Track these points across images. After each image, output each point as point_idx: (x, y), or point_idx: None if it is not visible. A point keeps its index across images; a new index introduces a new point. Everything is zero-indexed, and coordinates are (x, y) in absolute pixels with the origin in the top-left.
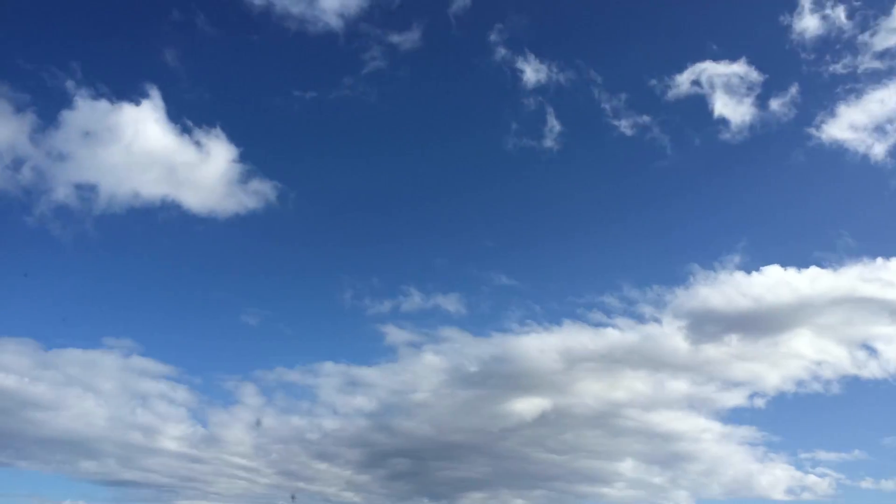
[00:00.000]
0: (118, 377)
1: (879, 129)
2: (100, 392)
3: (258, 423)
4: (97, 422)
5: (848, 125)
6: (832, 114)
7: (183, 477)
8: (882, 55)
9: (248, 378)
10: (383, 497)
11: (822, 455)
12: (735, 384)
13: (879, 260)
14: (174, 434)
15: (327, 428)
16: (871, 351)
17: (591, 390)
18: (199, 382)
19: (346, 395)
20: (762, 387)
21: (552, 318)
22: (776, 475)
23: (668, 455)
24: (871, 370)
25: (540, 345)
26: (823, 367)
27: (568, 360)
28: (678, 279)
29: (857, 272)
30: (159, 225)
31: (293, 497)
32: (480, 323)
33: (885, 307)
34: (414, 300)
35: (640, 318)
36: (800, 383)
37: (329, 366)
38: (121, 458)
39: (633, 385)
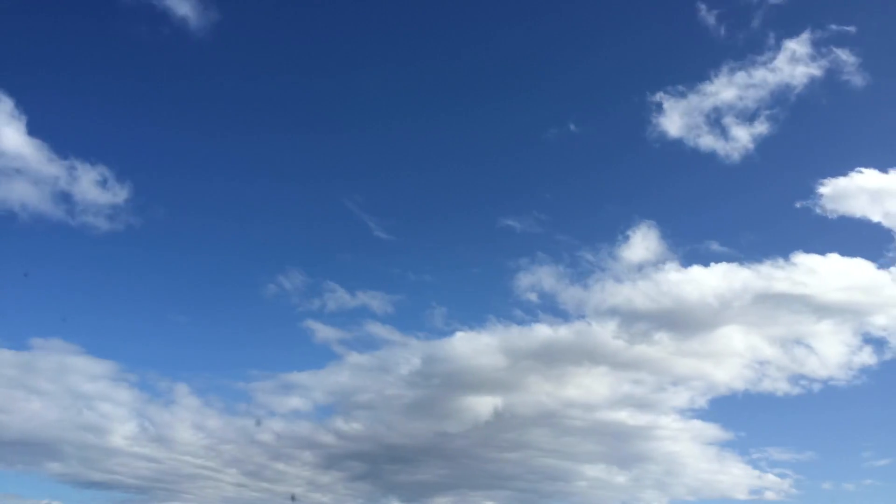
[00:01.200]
0: (58, 377)
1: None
2: (43, 393)
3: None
4: (49, 423)
5: None
6: None
7: (147, 478)
8: None
9: (183, 379)
10: (351, 498)
11: (777, 454)
12: (678, 381)
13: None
14: (127, 434)
15: (274, 429)
16: (806, 348)
17: (537, 388)
18: (136, 381)
19: (282, 397)
20: (707, 384)
21: (478, 317)
22: (735, 474)
23: (625, 453)
24: (811, 368)
25: (475, 344)
26: (765, 366)
27: (509, 359)
28: (604, 276)
29: (765, 270)
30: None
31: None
32: (409, 322)
33: (805, 303)
34: (339, 298)
35: (566, 316)
36: (746, 381)
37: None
38: (83, 459)
39: (577, 382)
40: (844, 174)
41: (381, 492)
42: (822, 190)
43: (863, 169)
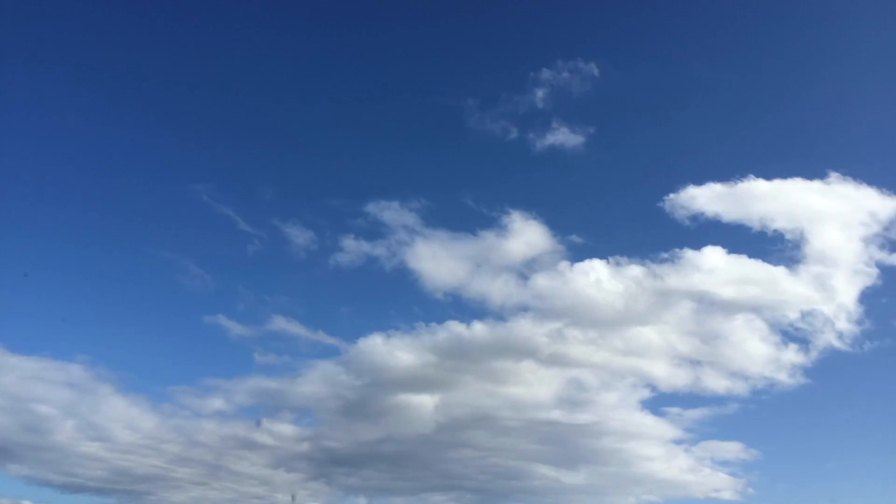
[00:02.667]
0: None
1: None
2: None
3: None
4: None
5: None
6: None
7: (102, 479)
8: None
9: (108, 381)
10: (312, 498)
11: (730, 453)
12: (618, 378)
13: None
14: (69, 435)
15: (207, 429)
16: (727, 343)
17: (470, 388)
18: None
19: (204, 399)
20: (642, 381)
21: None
22: (684, 471)
23: (573, 451)
24: (741, 365)
25: (404, 345)
26: (695, 364)
27: (433, 358)
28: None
29: (659, 267)
30: None
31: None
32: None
33: (710, 300)
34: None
35: (499, 317)
36: (679, 378)
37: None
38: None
39: (509, 380)
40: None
41: (342, 492)
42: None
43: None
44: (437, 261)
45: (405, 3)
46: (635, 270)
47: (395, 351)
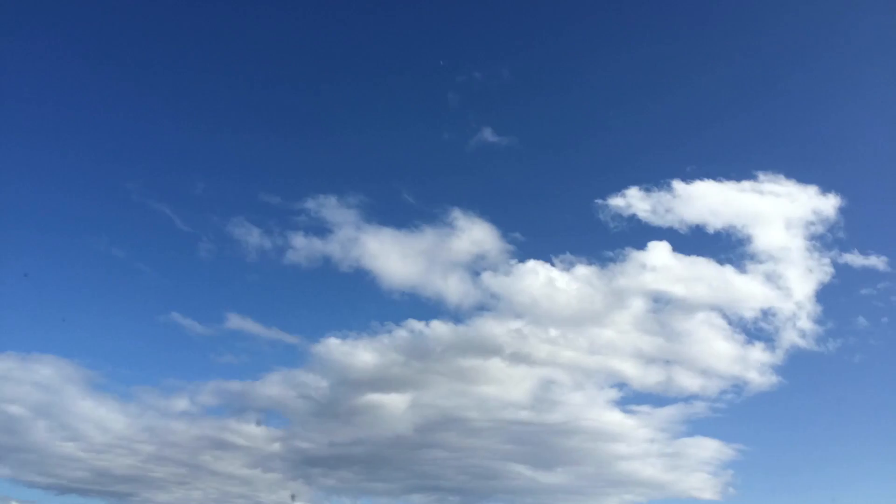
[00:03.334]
0: None
1: None
2: None
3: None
4: None
5: None
6: None
7: (83, 480)
8: None
9: (74, 381)
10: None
11: (708, 451)
12: (585, 377)
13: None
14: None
15: (177, 429)
16: (692, 341)
17: (444, 388)
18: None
19: (169, 399)
20: (614, 381)
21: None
22: (676, 473)
23: (550, 451)
24: (709, 363)
25: (367, 346)
26: (663, 364)
27: (408, 359)
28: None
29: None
30: None
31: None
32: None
33: (665, 299)
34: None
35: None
36: (649, 376)
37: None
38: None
39: (484, 381)
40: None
41: (323, 492)
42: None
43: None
44: (390, 258)
45: None
46: (585, 270)
47: (357, 351)
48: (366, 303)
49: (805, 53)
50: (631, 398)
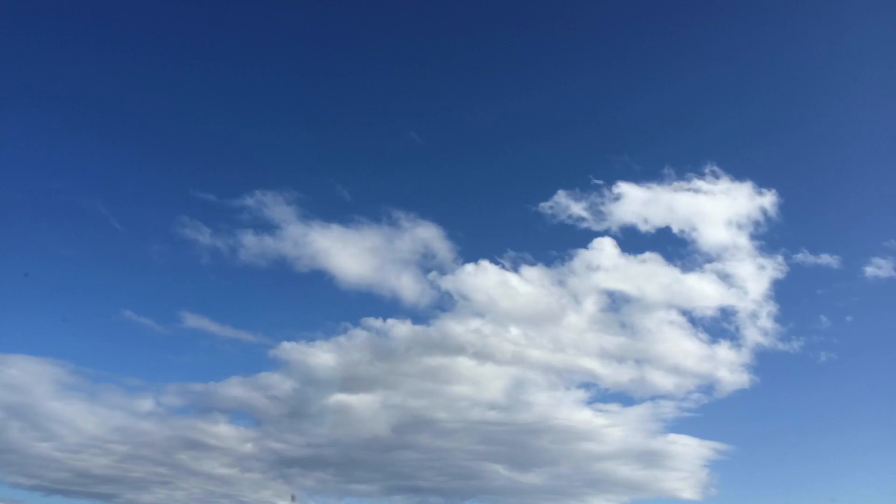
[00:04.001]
0: None
1: None
2: None
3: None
4: None
5: None
6: None
7: (62, 481)
8: None
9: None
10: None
11: (689, 448)
12: (553, 375)
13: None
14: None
15: (162, 433)
16: (654, 337)
17: (412, 388)
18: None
19: (136, 400)
20: (586, 379)
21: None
22: (656, 472)
23: (524, 450)
24: (676, 361)
25: (330, 346)
26: (637, 363)
27: (372, 360)
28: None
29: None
30: None
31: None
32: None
33: (627, 298)
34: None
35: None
36: (611, 375)
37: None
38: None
39: (454, 381)
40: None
41: (305, 492)
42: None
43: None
44: (341, 256)
45: None
46: (533, 269)
47: (319, 351)
48: (322, 301)
49: (739, 51)
50: (599, 397)
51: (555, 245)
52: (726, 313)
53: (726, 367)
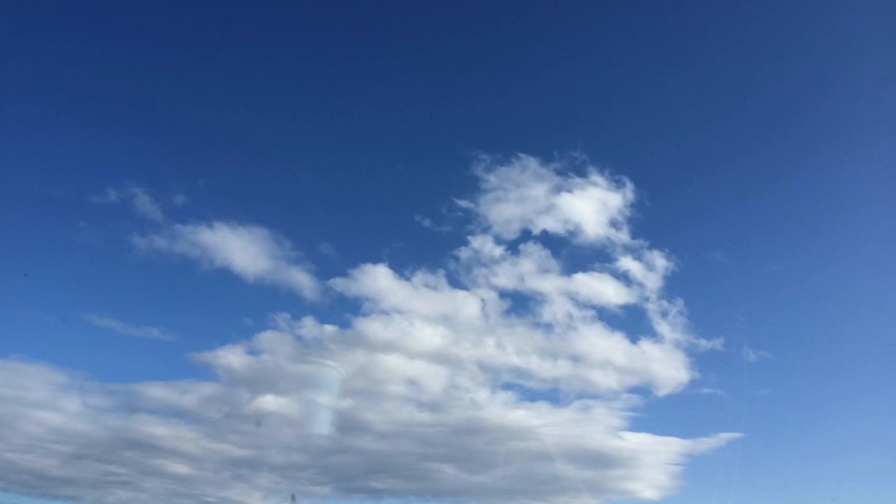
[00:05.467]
0: None
1: None
2: None
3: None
4: None
5: None
6: None
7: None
8: None
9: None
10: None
11: (644, 445)
12: (477, 375)
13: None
14: None
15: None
16: (574, 336)
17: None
18: None
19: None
20: (509, 379)
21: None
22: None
23: (467, 452)
24: (603, 358)
25: (246, 348)
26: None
27: (294, 363)
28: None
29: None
30: None
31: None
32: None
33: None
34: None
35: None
36: (541, 374)
37: None
38: None
39: (385, 381)
40: None
41: (263, 492)
42: None
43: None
44: (237, 254)
45: None
46: (425, 271)
47: (238, 352)
48: (230, 301)
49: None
50: (527, 396)
51: (442, 247)
52: (632, 310)
53: (659, 364)
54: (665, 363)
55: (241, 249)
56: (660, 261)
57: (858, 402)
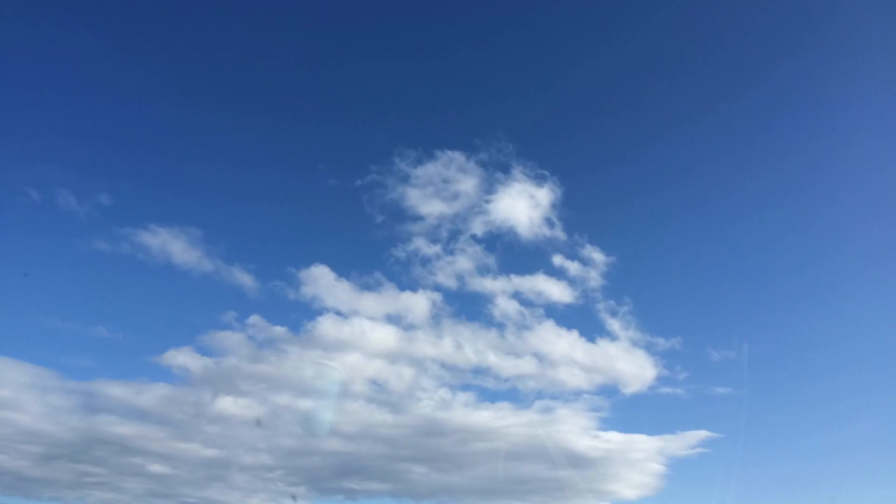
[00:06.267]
0: None
1: None
2: None
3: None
4: None
5: None
6: None
7: None
8: None
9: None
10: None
11: (616, 445)
12: (435, 377)
13: None
14: None
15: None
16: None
17: (303, 390)
18: None
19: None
20: (469, 380)
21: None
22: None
23: (434, 451)
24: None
25: (201, 349)
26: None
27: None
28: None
29: None
30: None
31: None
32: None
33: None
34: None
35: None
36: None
37: None
38: None
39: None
40: None
41: (241, 493)
42: None
43: None
44: (167, 255)
45: None
46: (359, 271)
47: (192, 353)
48: (180, 300)
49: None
50: (487, 397)
51: (380, 247)
52: (581, 308)
53: (622, 363)
54: (627, 362)
55: (181, 251)
56: (599, 256)
57: (830, 403)
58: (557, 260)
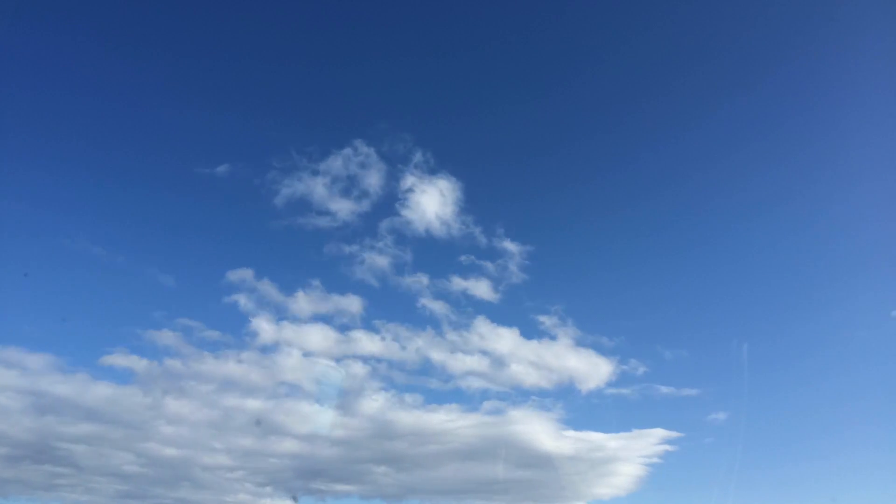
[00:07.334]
0: None
1: None
2: None
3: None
4: None
5: None
6: None
7: None
8: None
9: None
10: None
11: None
12: (377, 379)
13: None
14: None
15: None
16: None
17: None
18: None
19: None
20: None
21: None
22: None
23: (388, 453)
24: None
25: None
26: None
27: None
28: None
29: None
30: None
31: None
32: None
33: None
34: None
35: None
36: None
37: None
38: None
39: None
40: None
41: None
42: None
43: None
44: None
45: None
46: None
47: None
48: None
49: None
50: (433, 398)
51: (306, 248)
52: (510, 306)
53: (573, 362)
54: (578, 361)
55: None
56: (515, 247)
57: (820, 405)
58: (471, 258)
